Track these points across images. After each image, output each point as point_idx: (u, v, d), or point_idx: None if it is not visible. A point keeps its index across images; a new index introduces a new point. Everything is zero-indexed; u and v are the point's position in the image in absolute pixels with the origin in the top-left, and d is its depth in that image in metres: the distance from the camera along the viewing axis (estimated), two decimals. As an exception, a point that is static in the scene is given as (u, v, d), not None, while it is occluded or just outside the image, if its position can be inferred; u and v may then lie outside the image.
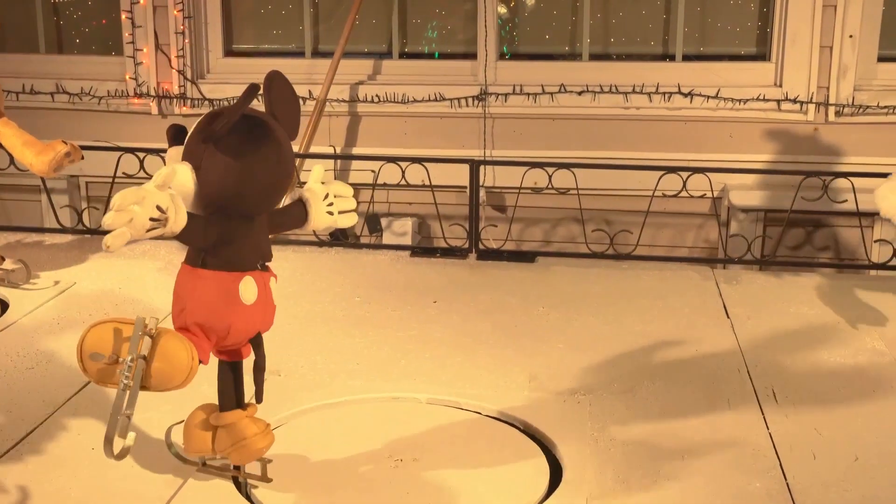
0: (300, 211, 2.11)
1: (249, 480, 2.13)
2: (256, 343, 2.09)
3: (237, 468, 2.13)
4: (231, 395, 2.10)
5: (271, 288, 2.06)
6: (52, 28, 5.04)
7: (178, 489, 2.11)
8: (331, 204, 2.13)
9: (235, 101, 1.90)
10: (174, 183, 1.82)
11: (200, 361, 1.93)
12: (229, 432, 2.05)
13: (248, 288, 1.98)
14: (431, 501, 2.09)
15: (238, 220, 1.94)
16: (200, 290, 1.96)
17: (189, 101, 4.71)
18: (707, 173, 3.81)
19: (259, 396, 2.11)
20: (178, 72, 4.69)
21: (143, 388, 1.88)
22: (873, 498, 2.10)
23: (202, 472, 2.15)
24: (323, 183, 2.17)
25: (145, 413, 2.23)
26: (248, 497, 2.11)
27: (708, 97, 4.36)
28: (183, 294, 1.98)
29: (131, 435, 1.88)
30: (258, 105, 1.99)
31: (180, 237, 1.84)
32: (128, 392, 1.85)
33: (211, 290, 1.95)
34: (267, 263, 2.05)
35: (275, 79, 2.09)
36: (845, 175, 3.76)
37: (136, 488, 2.11)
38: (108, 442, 1.86)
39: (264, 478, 2.11)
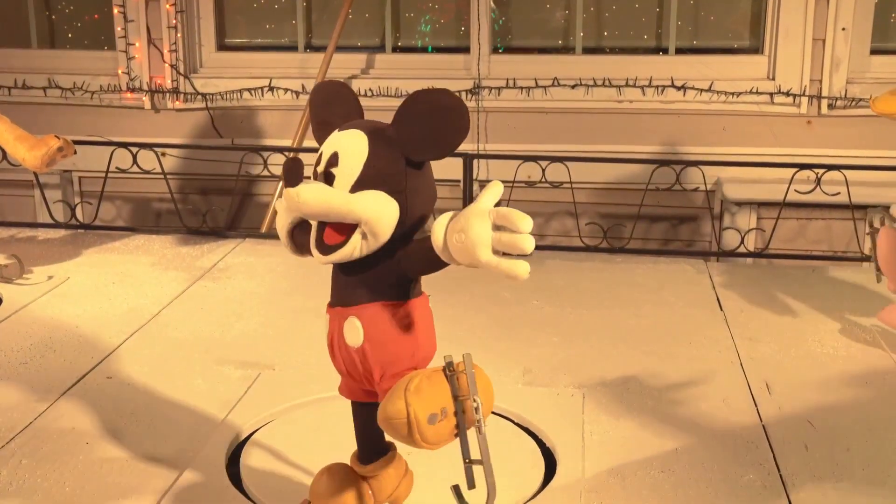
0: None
1: None
2: None
3: None
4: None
5: None
6: (45, 23, 5.02)
7: (173, 482, 2.11)
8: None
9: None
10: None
11: None
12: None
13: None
14: (425, 495, 2.09)
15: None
16: (427, 320, 1.75)
17: (182, 96, 4.70)
18: (700, 166, 3.82)
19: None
20: (171, 66, 4.68)
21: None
22: (865, 489, 2.11)
23: None
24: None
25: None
26: (242, 491, 2.11)
27: (701, 90, 4.37)
28: (410, 331, 1.72)
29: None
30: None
31: (429, 268, 1.66)
32: (479, 434, 1.64)
33: (430, 316, 1.76)
34: None
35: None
36: (838, 168, 3.77)
37: (130, 482, 2.11)
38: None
39: None
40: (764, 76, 4.39)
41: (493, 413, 2.46)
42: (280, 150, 4.28)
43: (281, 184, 1.77)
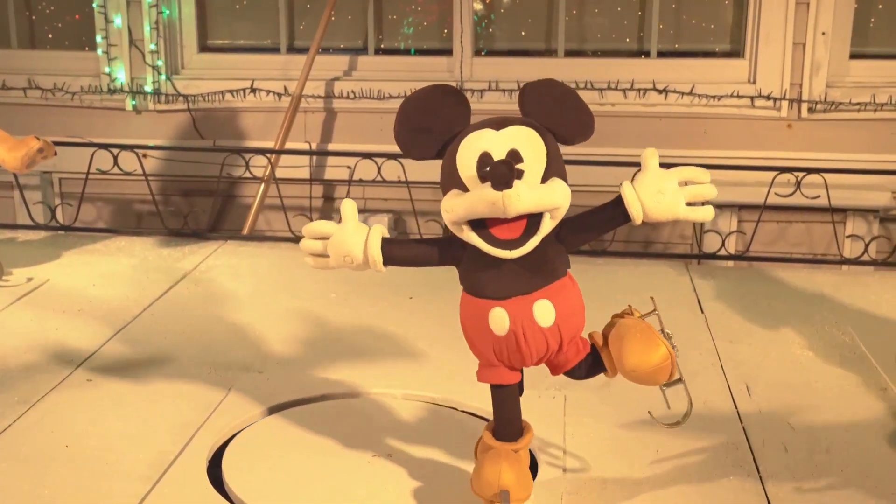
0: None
1: None
2: None
3: None
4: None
5: None
6: (25, 23, 5.00)
7: (153, 487, 2.10)
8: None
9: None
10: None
11: None
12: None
13: None
14: (407, 496, 2.09)
15: None
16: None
17: (163, 97, 4.69)
18: (681, 169, 3.83)
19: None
20: (153, 67, 4.67)
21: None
22: (844, 489, 2.12)
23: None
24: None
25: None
26: (224, 494, 2.11)
27: (682, 94, 4.38)
28: (579, 297, 1.96)
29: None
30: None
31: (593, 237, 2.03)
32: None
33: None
34: None
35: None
36: (818, 171, 3.79)
37: (109, 486, 2.11)
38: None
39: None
40: (745, 80, 4.41)
41: (474, 415, 2.46)
42: (262, 151, 4.27)
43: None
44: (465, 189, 1.75)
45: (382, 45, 4.78)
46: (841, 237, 4.25)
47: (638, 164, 4.07)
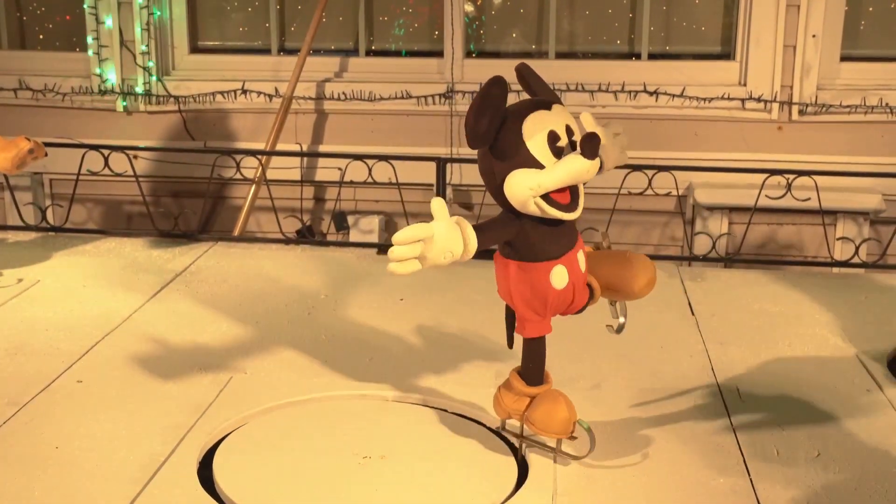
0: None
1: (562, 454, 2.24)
2: None
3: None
4: None
5: None
6: (15, 23, 4.99)
7: (143, 488, 2.10)
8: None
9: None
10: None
11: None
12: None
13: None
14: (398, 498, 2.09)
15: None
16: None
17: (154, 98, 4.68)
18: (672, 171, 3.84)
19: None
20: (143, 69, 4.66)
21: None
22: (834, 493, 2.13)
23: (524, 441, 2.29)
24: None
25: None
26: (214, 496, 2.10)
27: (673, 96, 4.39)
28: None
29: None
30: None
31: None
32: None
33: None
34: None
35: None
36: (808, 173, 3.80)
37: (99, 488, 2.10)
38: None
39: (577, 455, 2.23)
40: (735, 82, 4.42)
41: (464, 417, 2.46)
42: (253, 153, 4.27)
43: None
44: (537, 166, 1.97)
45: (373, 47, 4.78)
46: (831, 239, 4.26)
47: (629, 166, 4.08)
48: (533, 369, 2.22)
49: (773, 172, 3.86)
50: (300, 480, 2.15)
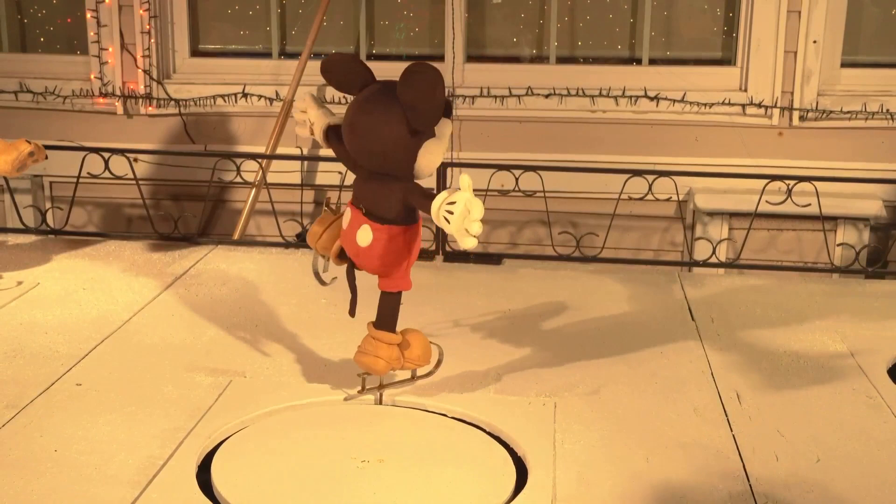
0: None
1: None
2: (350, 269, 2.49)
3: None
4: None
5: (360, 232, 2.34)
6: (16, 26, 4.99)
7: (141, 492, 2.09)
8: (450, 212, 2.07)
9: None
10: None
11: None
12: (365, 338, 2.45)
13: (346, 216, 2.40)
14: (397, 501, 2.09)
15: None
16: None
17: (155, 102, 4.68)
18: (672, 176, 3.84)
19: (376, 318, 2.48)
20: (144, 71, 4.66)
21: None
22: (835, 498, 2.12)
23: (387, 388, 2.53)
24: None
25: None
26: (213, 499, 2.10)
27: (674, 101, 4.39)
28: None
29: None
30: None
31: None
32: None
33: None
34: (373, 216, 2.32)
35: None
36: (809, 179, 3.79)
37: (97, 491, 2.10)
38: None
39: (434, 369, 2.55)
40: (736, 87, 4.42)
41: (463, 421, 2.46)
42: (253, 156, 4.27)
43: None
44: (432, 136, 2.29)
45: (374, 51, 4.78)
46: (832, 245, 4.26)
47: (629, 171, 4.09)
48: (392, 320, 2.43)
49: (773, 178, 3.86)
50: (298, 484, 2.15)
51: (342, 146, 2.36)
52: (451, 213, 2.06)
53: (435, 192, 2.17)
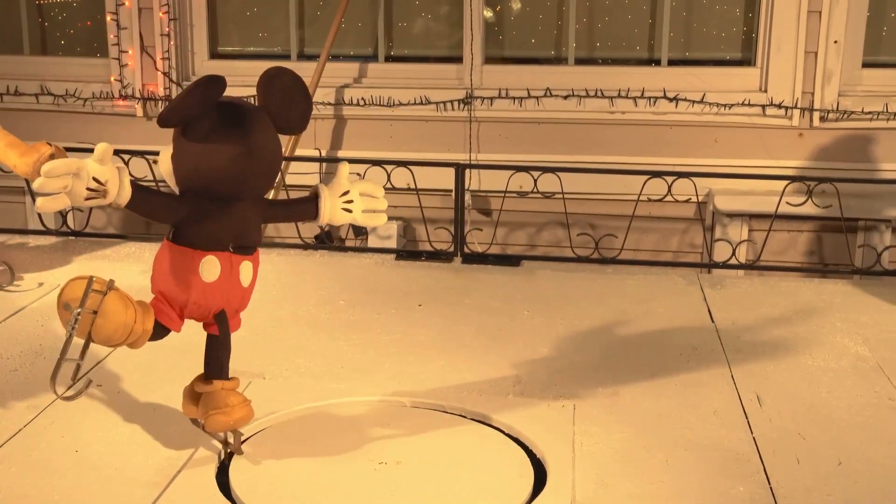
0: (310, 205, 2.16)
1: (230, 447, 2.25)
2: (220, 320, 2.15)
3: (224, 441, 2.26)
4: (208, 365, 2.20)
5: (242, 272, 2.11)
6: (37, 29, 5.02)
7: (162, 491, 2.10)
8: (349, 201, 2.13)
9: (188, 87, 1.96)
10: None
11: (165, 329, 2.05)
12: (207, 400, 2.15)
13: (208, 267, 2.03)
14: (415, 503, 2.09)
15: (211, 202, 2.01)
16: (166, 262, 2.05)
17: (174, 104, 4.69)
18: (692, 178, 3.83)
19: (211, 371, 2.17)
20: (164, 74, 4.68)
21: (92, 340, 2.01)
22: (856, 503, 2.11)
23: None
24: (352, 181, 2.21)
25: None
26: (232, 501, 2.10)
27: (693, 102, 4.38)
28: (154, 262, 2.09)
29: (85, 380, 2.08)
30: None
31: (136, 211, 2.00)
32: (68, 339, 1.97)
33: (174, 262, 2.04)
34: (248, 247, 2.10)
35: (275, 76, 2.18)
36: (829, 180, 3.77)
37: (118, 491, 2.10)
38: (52, 379, 2.02)
39: (236, 448, 2.23)
40: (756, 88, 4.40)
41: (482, 423, 2.46)
42: (272, 158, 4.27)
43: None
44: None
45: (392, 53, 4.78)
46: (853, 247, 4.23)
47: (648, 173, 4.09)
48: (224, 363, 2.22)
49: (793, 179, 3.85)
50: (316, 486, 2.15)
51: (164, 196, 2.06)
52: (351, 201, 2.08)
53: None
